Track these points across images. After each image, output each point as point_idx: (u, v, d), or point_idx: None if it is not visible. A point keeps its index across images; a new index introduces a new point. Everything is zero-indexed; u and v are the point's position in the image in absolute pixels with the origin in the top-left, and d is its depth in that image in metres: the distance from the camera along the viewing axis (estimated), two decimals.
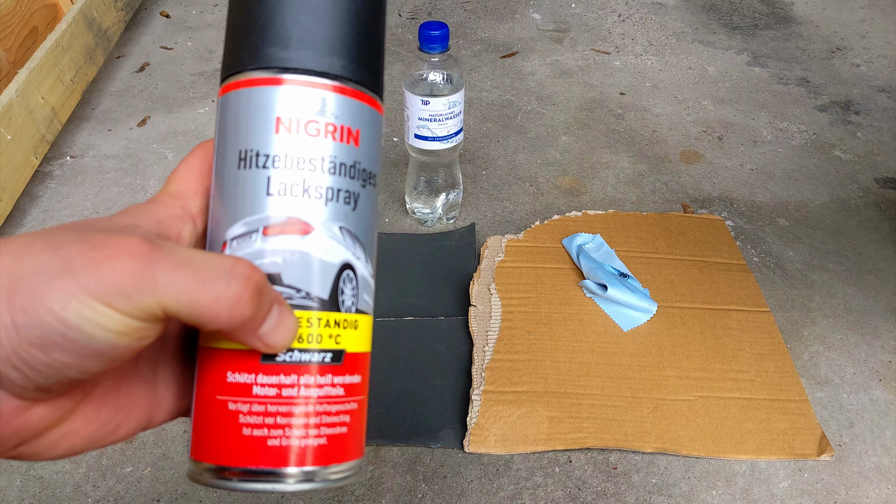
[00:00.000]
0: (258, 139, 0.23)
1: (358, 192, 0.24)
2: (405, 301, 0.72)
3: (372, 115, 0.25)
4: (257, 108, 0.23)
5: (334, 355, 0.23)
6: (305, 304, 0.23)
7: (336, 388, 0.23)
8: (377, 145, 0.25)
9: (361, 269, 0.24)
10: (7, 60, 0.92)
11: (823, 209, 0.87)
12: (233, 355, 0.23)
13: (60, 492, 0.56)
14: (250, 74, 0.23)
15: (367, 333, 0.25)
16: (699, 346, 0.67)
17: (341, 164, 0.24)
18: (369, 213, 0.25)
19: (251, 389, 0.22)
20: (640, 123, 1.03)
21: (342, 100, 0.24)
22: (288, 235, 0.23)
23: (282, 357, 0.22)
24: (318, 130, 0.23)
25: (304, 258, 0.23)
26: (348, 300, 0.24)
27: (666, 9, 1.38)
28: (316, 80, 0.23)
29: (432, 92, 0.73)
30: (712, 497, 0.56)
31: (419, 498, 0.56)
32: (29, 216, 0.85)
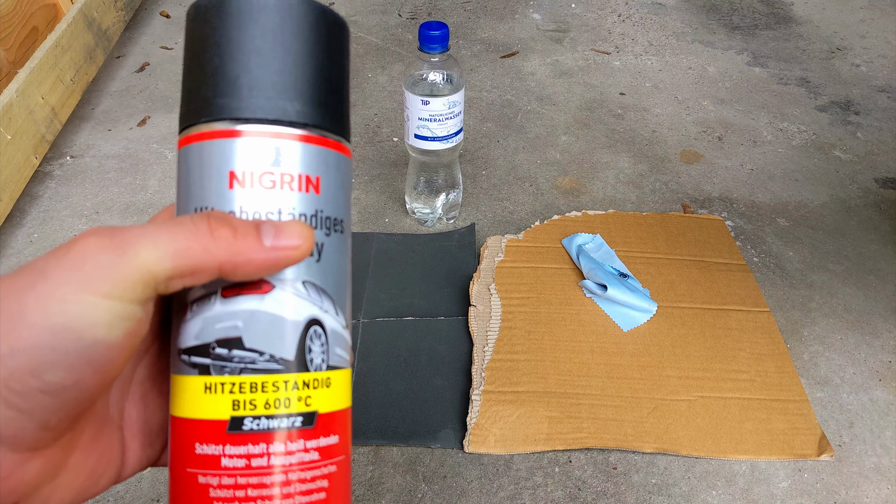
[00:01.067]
0: (212, 196, 0.22)
1: (321, 241, 0.23)
2: (405, 301, 0.72)
3: (334, 159, 0.24)
4: (210, 163, 0.22)
5: (305, 418, 0.22)
6: (270, 368, 0.22)
7: (310, 452, 0.22)
8: (343, 189, 0.24)
9: (331, 322, 0.23)
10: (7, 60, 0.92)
11: (823, 209, 0.87)
12: (199, 426, 0.21)
13: None
14: (202, 127, 0.23)
15: (342, 390, 0.24)
16: (699, 346, 0.67)
17: (301, 214, 0.23)
18: (337, 261, 0.24)
19: (219, 461, 0.21)
20: (640, 123, 1.03)
21: (299, 147, 0.23)
22: (247, 296, 0.22)
23: (249, 425, 0.21)
24: (274, 182, 0.22)
25: (266, 319, 0.22)
26: (318, 358, 0.23)
27: (666, 9, 1.38)
28: (269, 129, 0.22)
29: (432, 92, 0.73)
30: (712, 497, 0.56)
31: (419, 498, 0.56)
32: (29, 216, 0.85)
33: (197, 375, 0.22)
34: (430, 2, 1.39)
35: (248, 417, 0.21)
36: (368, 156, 0.95)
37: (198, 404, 0.22)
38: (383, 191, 0.89)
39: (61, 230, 0.83)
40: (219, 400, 0.21)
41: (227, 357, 0.22)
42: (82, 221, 0.84)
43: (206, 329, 0.22)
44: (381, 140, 0.99)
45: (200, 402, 0.22)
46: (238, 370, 0.22)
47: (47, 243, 0.81)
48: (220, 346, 0.22)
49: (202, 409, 0.22)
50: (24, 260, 0.79)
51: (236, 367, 0.22)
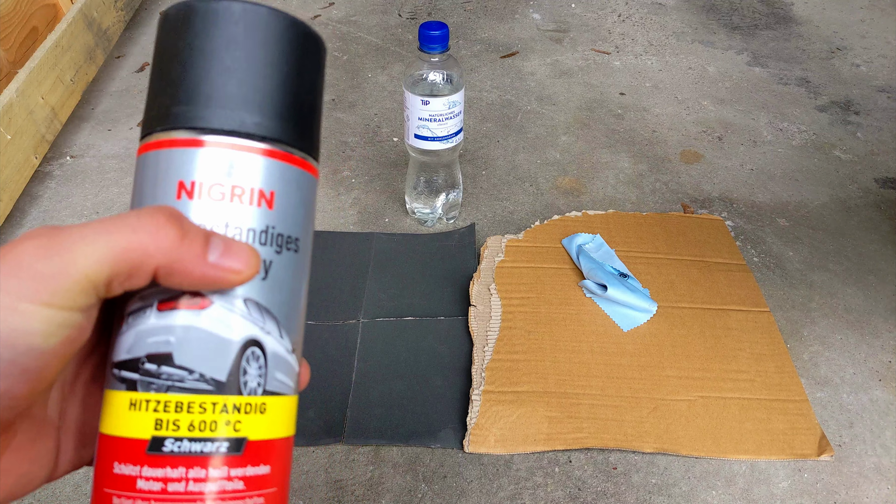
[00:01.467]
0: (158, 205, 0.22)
1: (270, 259, 0.22)
2: (405, 301, 0.72)
3: (294, 175, 0.23)
4: (161, 172, 0.22)
5: (232, 444, 0.21)
6: (199, 388, 0.20)
7: (233, 481, 0.20)
8: (302, 207, 0.23)
9: (273, 345, 0.22)
10: (7, 60, 0.92)
11: (823, 209, 0.87)
12: (120, 444, 0.20)
13: (60, 491, 0.56)
14: (158, 136, 0.22)
15: (281, 418, 0.22)
16: (699, 346, 0.67)
17: (249, 229, 0.22)
18: (287, 281, 0.22)
19: (135, 483, 0.20)
20: (640, 123, 1.03)
21: (253, 160, 0.22)
22: (181, 311, 0.21)
23: (169, 447, 0.20)
24: (223, 194, 0.21)
25: (199, 335, 0.21)
26: (253, 381, 0.21)
27: (666, 9, 1.38)
28: (224, 140, 0.22)
29: (432, 92, 0.73)
30: (712, 497, 0.56)
31: (419, 498, 0.56)
32: (29, 216, 0.85)
33: (124, 391, 0.21)
34: (430, 2, 1.39)
35: (169, 438, 0.20)
36: (368, 156, 0.95)
37: (121, 421, 0.21)
38: (383, 191, 0.89)
39: None
40: (142, 418, 0.20)
41: (155, 373, 0.21)
42: (82, 221, 0.84)
43: (138, 343, 0.21)
44: (381, 140, 0.99)
45: (124, 419, 0.21)
46: (165, 388, 0.20)
47: None
48: (149, 361, 0.21)
49: (125, 427, 0.21)
50: None
51: (163, 385, 0.20)
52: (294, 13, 0.24)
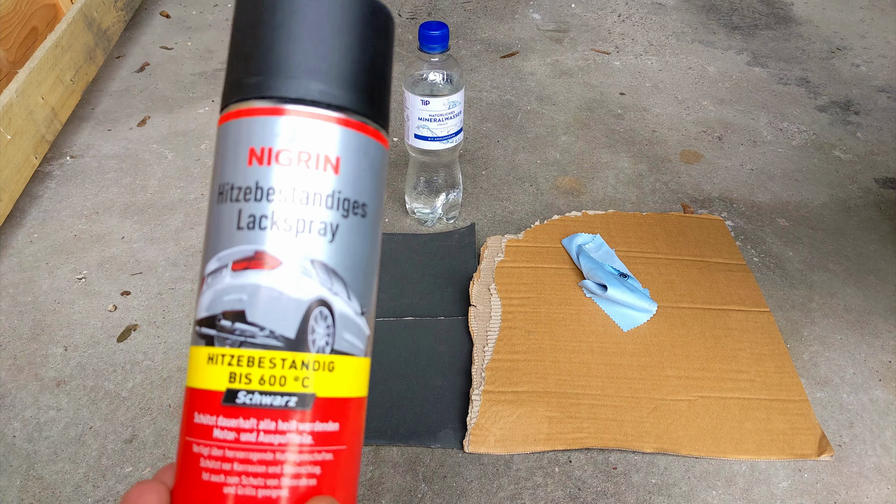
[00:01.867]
0: (232, 172, 0.23)
1: (337, 222, 0.23)
2: (405, 301, 0.72)
3: (360, 142, 0.23)
4: (233, 142, 0.23)
5: (300, 399, 0.22)
6: (269, 344, 0.21)
7: (302, 435, 0.21)
8: (369, 173, 0.24)
9: (341, 306, 0.23)
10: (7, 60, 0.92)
11: (823, 209, 0.87)
12: (199, 395, 0.22)
13: (60, 492, 0.56)
14: (231, 108, 0.23)
15: (350, 377, 0.23)
16: (699, 346, 0.67)
17: (315, 193, 0.22)
18: (354, 244, 0.23)
19: (212, 432, 0.21)
20: (640, 123, 1.03)
21: (318, 126, 0.23)
22: (254, 270, 0.22)
23: (242, 399, 0.21)
24: (290, 160, 0.22)
25: (269, 294, 0.22)
26: (321, 340, 0.22)
27: (666, 9, 1.38)
28: (290, 108, 0.22)
29: (432, 92, 0.73)
30: (712, 497, 0.56)
31: (419, 498, 0.56)
32: (29, 216, 0.85)
33: (203, 346, 0.22)
34: (430, 2, 1.39)
35: (242, 391, 0.21)
36: None
37: (201, 374, 0.22)
38: None
39: (61, 230, 0.83)
40: (218, 371, 0.22)
41: (230, 329, 0.22)
42: (82, 221, 0.84)
43: (216, 301, 0.22)
44: None
45: (203, 372, 0.22)
46: (238, 343, 0.22)
47: (47, 243, 0.81)
48: (224, 318, 0.22)
49: (204, 379, 0.22)
50: (25, 260, 0.79)
51: (237, 340, 0.22)
52: None
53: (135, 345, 0.69)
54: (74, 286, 0.75)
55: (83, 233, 0.83)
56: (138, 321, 0.71)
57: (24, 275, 0.77)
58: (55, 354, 0.68)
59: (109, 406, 0.63)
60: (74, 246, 0.81)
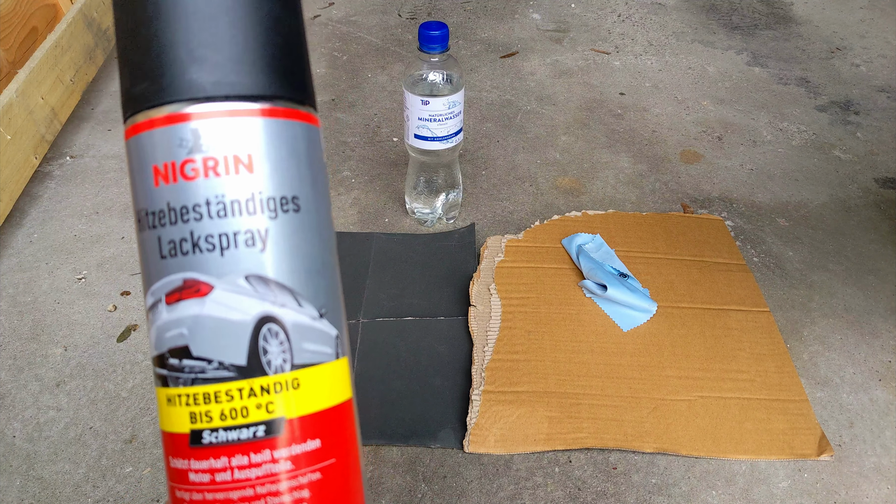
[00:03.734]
0: (143, 196, 0.20)
1: (264, 227, 0.20)
2: (405, 301, 0.72)
3: (273, 128, 0.20)
4: (136, 161, 0.20)
5: (268, 427, 0.20)
6: (221, 376, 0.20)
7: (279, 463, 0.20)
8: (292, 161, 0.21)
9: (291, 316, 0.21)
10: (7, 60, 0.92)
11: (823, 209, 0.87)
12: (170, 439, 0.21)
13: (60, 492, 0.56)
14: (129, 121, 0.21)
15: (321, 387, 0.21)
16: (699, 346, 0.67)
17: (232, 201, 0.20)
18: (293, 245, 0.21)
19: (188, 476, 0.20)
20: (640, 123, 1.03)
21: (218, 124, 0.20)
22: (187, 301, 0.20)
23: (208, 438, 0.20)
24: (197, 171, 0.20)
25: (208, 323, 0.20)
26: (276, 358, 0.20)
27: (666, 9, 1.38)
28: (180, 111, 0.20)
29: (432, 92, 0.73)
30: (712, 497, 0.56)
31: (419, 498, 0.56)
32: (28, 216, 0.85)
33: (161, 387, 0.21)
34: (429, 2, 1.39)
35: (206, 430, 0.20)
36: (368, 156, 0.95)
37: (166, 417, 0.21)
38: (383, 191, 0.89)
39: (61, 230, 0.83)
40: (179, 412, 0.20)
41: (179, 367, 0.20)
42: (82, 221, 0.84)
43: (160, 339, 0.21)
44: (380, 140, 0.99)
45: (167, 414, 0.21)
46: (190, 381, 0.20)
47: (47, 243, 0.81)
48: (171, 356, 0.20)
49: (169, 422, 0.21)
50: (24, 260, 0.79)
51: (188, 378, 0.20)
52: None
53: (135, 345, 0.69)
54: (74, 286, 0.75)
55: (83, 233, 0.83)
56: (138, 321, 0.71)
57: (24, 275, 0.77)
58: (55, 354, 0.68)
59: (109, 406, 0.63)
60: (74, 246, 0.81)
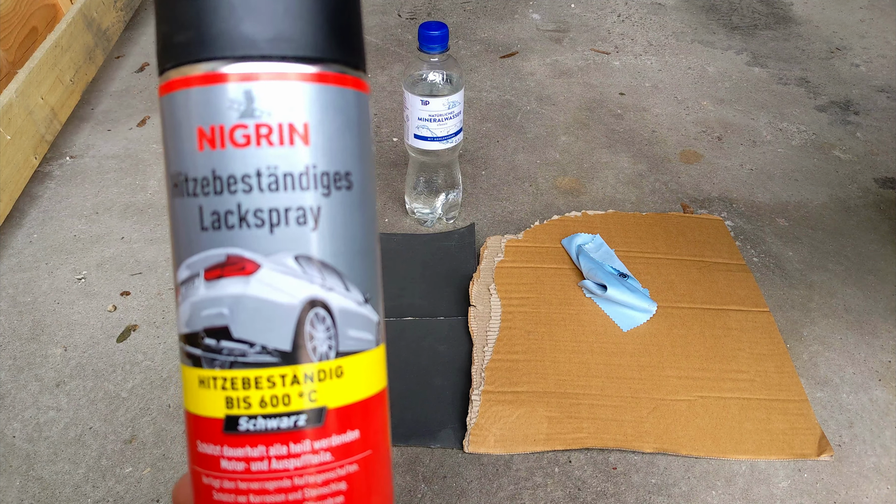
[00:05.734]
0: (183, 159, 0.19)
1: (317, 205, 0.19)
2: (405, 301, 0.72)
3: (331, 96, 0.19)
4: (178, 119, 0.19)
5: (310, 416, 0.19)
6: (263, 361, 0.19)
7: (319, 454, 0.19)
8: (347, 133, 0.20)
9: (339, 301, 0.20)
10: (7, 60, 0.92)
11: (823, 209, 0.87)
12: (199, 422, 0.19)
13: (60, 492, 0.56)
14: (169, 75, 0.19)
15: (362, 377, 0.20)
16: (699, 346, 0.67)
17: (285, 174, 0.19)
18: (343, 225, 0.20)
19: (219, 463, 0.19)
20: (640, 123, 1.03)
21: (276, 87, 0.18)
22: (230, 278, 0.19)
23: (245, 426, 0.19)
24: (248, 137, 0.18)
25: (253, 304, 0.19)
26: (322, 345, 0.19)
27: (665, 9, 1.38)
28: (234, 69, 0.18)
29: (432, 92, 0.73)
30: (712, 497, 0.56)
31: (419, 498, 0.56)
32: (28, 216, 0.85)
33: (192, 367, 0.20)
34: (429, 2, 1.39)
35: (243, 417, 0.19)
36: None
37: (196, 399, 0.20)
38: (383, 191, 0.89)
39: (61, 230, 0.83)
40: (213, 396, 0.19)
41: (216, 349, 0.19)
42: (82, 222, 0.84)
43: (194, 316, 0.19)
44: (380, 140, 0.99)
45: (198, 396, 0.19)
46: (228, 364, 0.19)
47: (47, 243, 0.81)
48: (208, 335, 0.19)
49: (200, 405, 0.19)
50: (24, 260, 0.79)
51: (226, 361, 0.19)
52: None
53: (134, 345, 0.69)
54: (74, 286, 0.75)
55: (83, 233, 0.83)
56: (138, 321, 0.71)
57: (23, 275, 0.77)
58: (55, 355, 0.68)
59: (109, 406, 0.63)
60: (74, 246, 0.81)
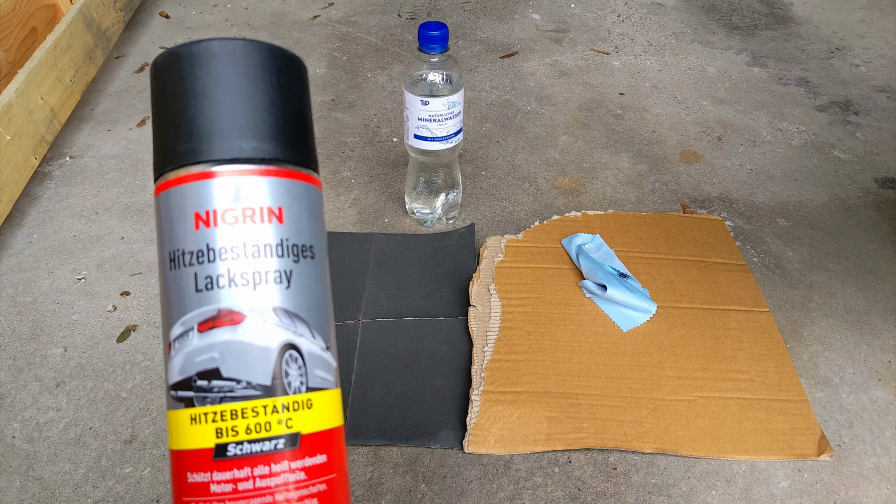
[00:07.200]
0: (181, 238, 0.23)
1: (290, 269, 0.24)
2: (405, 301, 0.72)
3: (297, 189, 0.25)
4: (177, 208, 0.24)
5: (287, 440, 0.23)
6: (248, 394, 0.23)
7: (295, 473, 0.23)
8: (309, 216, 0.25)
9: (307, 345, 0.24)
10: (6, 61, 0.92)
11: (823, 209, 0.87)
12: (189, 456, 0.23)
13: (60, 492, 0.56)
14: (167, 176, 0.24)
15: (327, 410, 0.24)
16: (699, 346, 0.67)
17: (266, 245, 0.23)
18: (309, 286, 0.24)
19: (209, 488, 0.22)
20: (640, 124, 1.03)
21: (257, 181, 0.24)
22: (220, 328, 0.23)
23: (232, 451, 0.22)
24: (236, 217, 0.23)
25: (239, 348, 0.23)
26: (296, 381, 0.23)
27: (665, 9, 1.38)
28: (227, 168, 0.23)
29: (432, 92, 0.73)
30: (712, 497, 0.56)
31: (419, 498, 0.56)
32: (28, 217, 0.85)
33: (183, 409, 0.23)
34: (429, 2, 1.39)
35: (231, 444, 0.22)
36: (368, 156, 0.95)
37: (186, 436, 0.23)
38: (383, 191, 0.89)
39: (61, 231, 0.83)
40: (204, 430, 0.23)
41: (208, 388, 0.23)
42: (82, 222, 0.84)
43: (188, 364, 0.23)
44: (380, 140, 0.99)
45: (188, 433, 0.23)
46: (218, 399, 0.23)
47: (47, 244, 0.81)
48: (200, 378, 0.23)
49: (190, 440, 0.23)
50: (24, 260, 0.79)
51: (216, 397, 0.23)
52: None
53: (134, 345, 0.69)
54: (74, 286, 0.75)
55: (83, 233, 0.83)
56: (138, 321, 0.71)
57: (23, 275, 0.77)
58: (55, 355, 0.68)
59: (109, 406, 0.63)
60: (74, 246, 0.81)
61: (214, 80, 0.24)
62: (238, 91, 0.24)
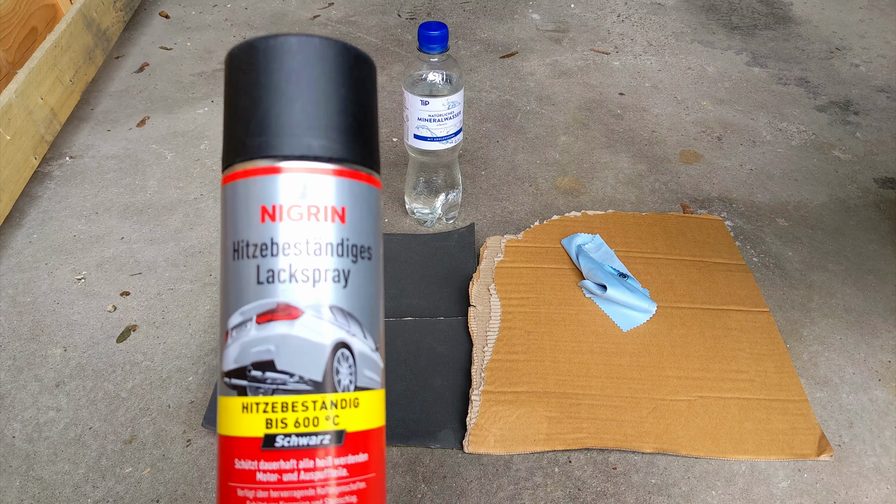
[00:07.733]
0: (246, 230, 0.24)
1: (348, 268, 0.24)
2: (405, 301, 0.72)
3: (360, 190, 0.25)
4: (243, 200, 0.24)
5: (333, 437, 0.23)
6: (299, 389, 0.23)
7: (338, 469, 0.23)
8: (370, 217, 0.25)
9: (359, 345, 0.24)
10: (6, 61, 0.92)
11: (823, 209, 0.87)
12: (238, 443, 0.23)
13: (60, 492, 0.56)
14: (236, 167, 0.24)
15: (372, 410, 0.25)
16: (698, 346, 0.67)
17: (327, 244, 0.24)
18: (364, 286, 0.25)
19: (255, 476, 0.23)
20: (640, 124, 1.03)
21: (324, 180, 0.24)
22: (278, 322, 0.23)
23: (280, 443, 0.23)
24: (301, 214, 0.24)
25: (295, 343, 0.23)
26: (345, 379, 0.24)
27: (665, 9, 1.38)
28: (296, 165, 0.24)
29: (432, 92, 0.73)
30: (712, 497, 0.56)
31: (419, 498, 0.56)
32: (28, 217, 0.85)
33: (236, 396, 0.24)
34: (429, 2, 1.39)
35: (279, 435, 0.23)
36: None
37: (237, 423, 0.24)
38: (383, 191, 0.89)
39: (60, 231, 0.83)
40: (254, 419, 0.23)
41: (261, 379, 0.23)
42: (81, 222, 0.84)
43: (244, 353, 0.24)
44: (380, 140, 0.99)
45: (239, 421, 0.24)
46: (271, 391, 0.23)
47: (46, 244, 0.81)
48: (254, 368, 0.23)
49: (240, 428, 0.23)
50: (24, 260, 0.79)
51: (269, 389, 0.23)
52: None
53: (134, 345, 0.69)
54: (74, 286, 0.75)
55: (82, 233, 0.83)
56: (138, 321, 0.71)
57: (23, 275, 0.77)
58: (55, 355, 0.68)
59: (109, 406, 0.63)
60: (74, 246, 0.81)
61: (289, 75, 0.24)
62: (311, 88, 0.24)
